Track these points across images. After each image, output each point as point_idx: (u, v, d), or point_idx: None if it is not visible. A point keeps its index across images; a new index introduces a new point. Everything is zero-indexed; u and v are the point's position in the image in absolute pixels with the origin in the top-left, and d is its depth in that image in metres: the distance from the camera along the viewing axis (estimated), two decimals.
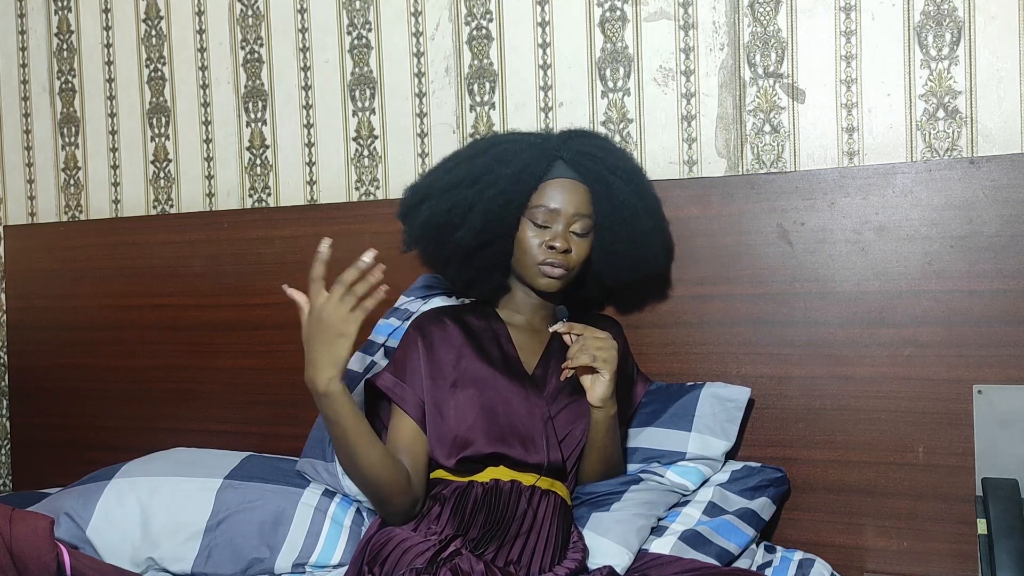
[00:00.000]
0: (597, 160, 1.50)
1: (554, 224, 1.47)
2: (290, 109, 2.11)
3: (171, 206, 2.25)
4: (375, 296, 1.25)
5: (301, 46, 2.10)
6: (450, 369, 1.48)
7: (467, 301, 1.68)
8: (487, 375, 1.47)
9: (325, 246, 1.26)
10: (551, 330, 1.42)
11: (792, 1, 1.72)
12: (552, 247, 1.45)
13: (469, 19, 1.95)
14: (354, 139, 2.06)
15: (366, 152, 2.05)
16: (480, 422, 1.43)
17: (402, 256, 1.62)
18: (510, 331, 1.54)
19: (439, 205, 1.50)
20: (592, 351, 1.37)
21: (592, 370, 1.39)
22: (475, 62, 1.95)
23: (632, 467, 1.59)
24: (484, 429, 1.43)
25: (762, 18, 1.74)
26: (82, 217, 2.34)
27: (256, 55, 2.14)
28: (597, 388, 1.40)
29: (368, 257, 1.24)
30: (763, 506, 1.56)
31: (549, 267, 1.46)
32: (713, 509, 1.50)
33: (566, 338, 1.42)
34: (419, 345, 1.50)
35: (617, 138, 1.84)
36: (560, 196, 1.47)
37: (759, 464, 1.62)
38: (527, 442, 1.43)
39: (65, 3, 2.34)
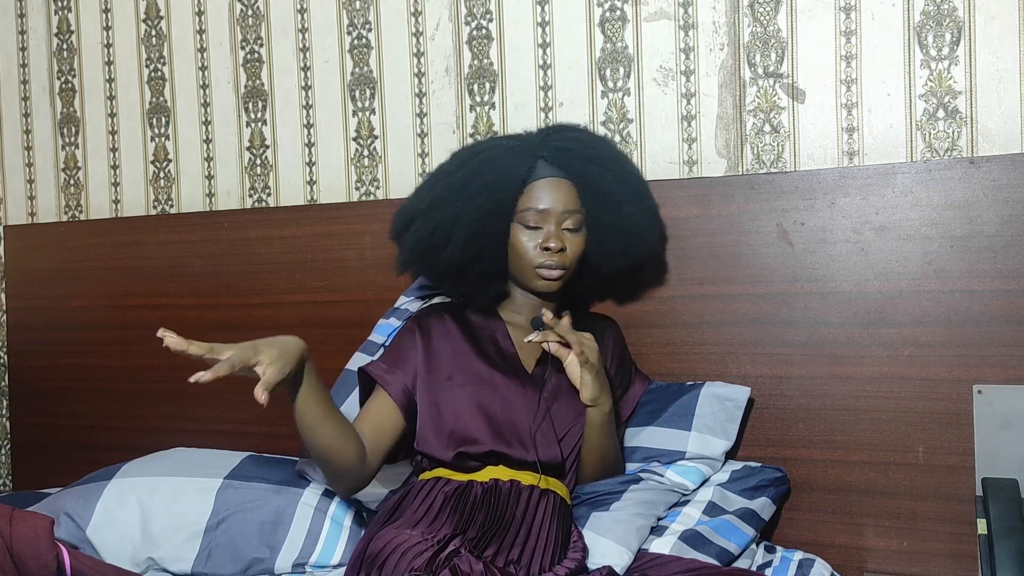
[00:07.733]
0: (576, 153, 1.49)
1: (546, 224, 1.46)
2: (290, 109, 2.11)
3: (171, 206, 2.25)
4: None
5: (301, 46, 2.10)
6: (447, 363, 1.48)
7: None
8: (485, 374, 1.47)
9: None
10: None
11: (792, 1, 1.72)
12: (547, 248, 1.45)
13: (469, 19, 1.95)
14: (354, 139, 2.06)
15: (366, 152, 2.05)
16: (478, 420, 1.44)
17: None
18: (509, 330, 1.54)
19: (423, 226, 1.51)
20: (579, 341, 1.39)
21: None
22: (475, 62, 1.95)
23: (632, 466, 1.59)
24: (482, 427, 1.43)
25: (762, 18, 1.74)
26: (82, 217, 2.34)
27: (256, 55, 2.14)
28: (584, 388, 1.41)
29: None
30: (763, 506, 1.56)
31: (547, 270, 1.46)
32: (713, 509, 1.50)
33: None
34: (416, 336, 1.51)
35: (617, 138, 1.84)
36: (548, 196, 1.47)
37: (759, 464, 1.62)
38: (525, 441, 1.43)
39: (65, 3, 2.34)
